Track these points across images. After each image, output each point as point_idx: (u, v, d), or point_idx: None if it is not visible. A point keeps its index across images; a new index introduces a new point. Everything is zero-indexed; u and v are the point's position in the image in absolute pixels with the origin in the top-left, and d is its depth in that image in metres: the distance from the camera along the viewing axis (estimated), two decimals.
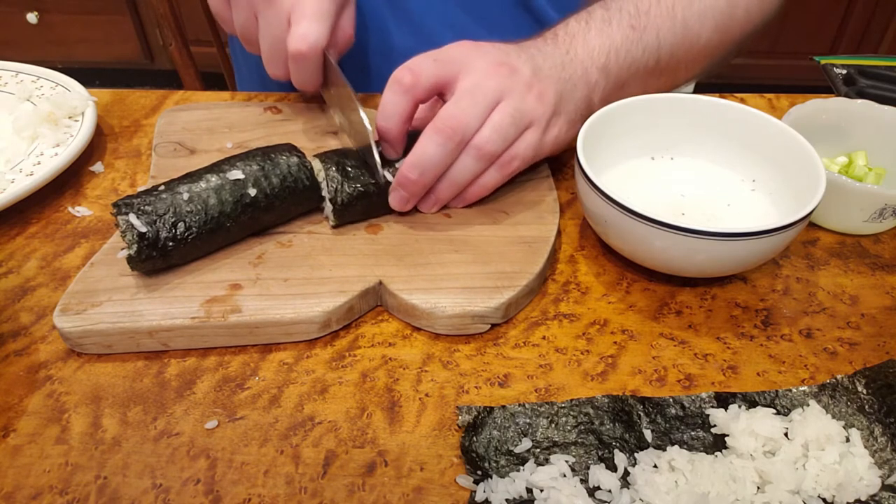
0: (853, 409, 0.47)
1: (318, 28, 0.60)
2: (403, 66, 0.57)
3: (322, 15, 0.60)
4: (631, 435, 0.45)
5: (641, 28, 0.65)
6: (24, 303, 0.55)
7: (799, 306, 0.56)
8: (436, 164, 0.56)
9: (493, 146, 0.56)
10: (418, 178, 0.56)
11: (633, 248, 0.55)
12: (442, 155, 0.55)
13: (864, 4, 2.22)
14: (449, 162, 0.56)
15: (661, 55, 0.66)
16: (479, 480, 0.43)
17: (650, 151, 0.65)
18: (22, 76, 0.76)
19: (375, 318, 0.54)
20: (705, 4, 0.68)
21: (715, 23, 0.69)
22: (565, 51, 0.62)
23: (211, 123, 0.70)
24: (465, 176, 0.58)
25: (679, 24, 0.67)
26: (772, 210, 0.60)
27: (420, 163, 0.55)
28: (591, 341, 0.52)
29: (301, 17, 0.60)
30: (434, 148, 0.55)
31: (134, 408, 0.47)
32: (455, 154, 0.56)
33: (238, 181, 0.54)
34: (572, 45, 0.63)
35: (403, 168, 0.56)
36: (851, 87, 0.79)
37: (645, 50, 0.65)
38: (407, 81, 0.56)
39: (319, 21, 0.60)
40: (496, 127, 0.56)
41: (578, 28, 0.64)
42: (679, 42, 0.67)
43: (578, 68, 0.62)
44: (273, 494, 0.43)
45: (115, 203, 0.52)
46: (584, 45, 0.63)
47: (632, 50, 0.64)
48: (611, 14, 0.65)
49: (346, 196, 0.56)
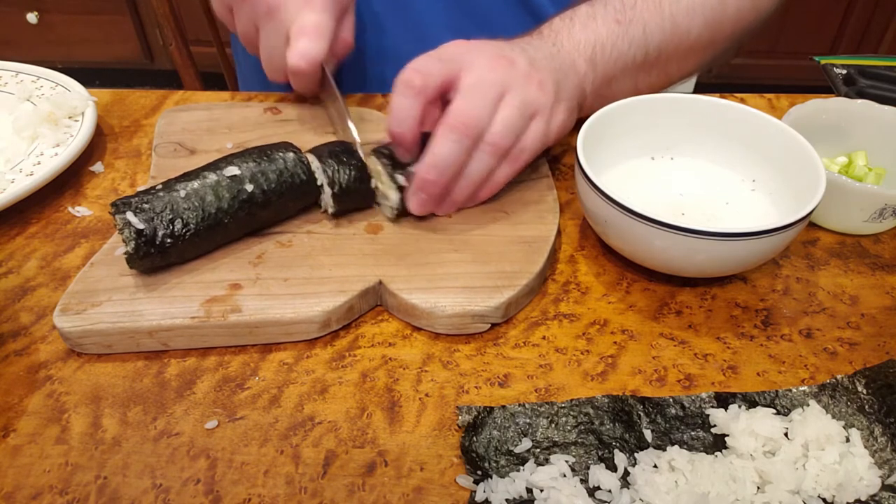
0: (853, 409, 0.47)
1: (317, 45, 0.62)
2: (410, 68, 0.56)
3: (321, 32, 0.62)
4: (631, 435, 0.45)
5: (627, 22, 0.65)
6: (24, 303, 0.55)
7: (799, 306, 0.56)
8: (452, 162, 0.55)
9: (506, 141, 0.56)
10: (437, 179, 0.55)
11: (633, 248, 0.55)
12: (458, 152, 0.55)
13: (864, 4, 2.22)
14: (464, 159, 0.56)
15: (648, 50, 0.67)
16: (479, 480, 0.43)
17: (650, 151, 0.65)
18: (22, 76, 0.76)
19: (375, 318, 0.54)
20: (694, 0, 0.69)
21: (704, 18, 0.69)
22: (552, 43, 0.63)
23: (211, 124, 0.70)
24: (480, 173, 0.57)
25: (667, 20, 0.67)
26: (772, 210, 0.60)
27: (437, 162, 0.55)
28: (591, 341, 0.52)
29: (300, 33, 0.62)
30: (450, 146, 0.54)
31: (134, 408, 0.47)
32: (470, 150, 0.56)
33: (235, 177, 0.54)
34: (558, 38, 0.64)
35: (421, 170, 0.55)
36: (851, 87, 0.79)
37: (631, 44, 0.66)
38: (417, 83, 0.55)
39: (318, 38, 0.62)
40: (506, 121, 0.56)
41: (563, 25, 0.65)
42: (668, 37, 0.68)
43: (566, 59, 0.62)
44: (273, 494, 0.43)
45: (114, 202, 0.52)
46: (569, 39, 0.64)
47: (618, 43, 0.65)
48: (595, 10, 0.66)
49: (344, 180, 0.56)
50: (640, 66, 0.67)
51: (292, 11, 0.62)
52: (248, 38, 0.69)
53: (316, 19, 0.62)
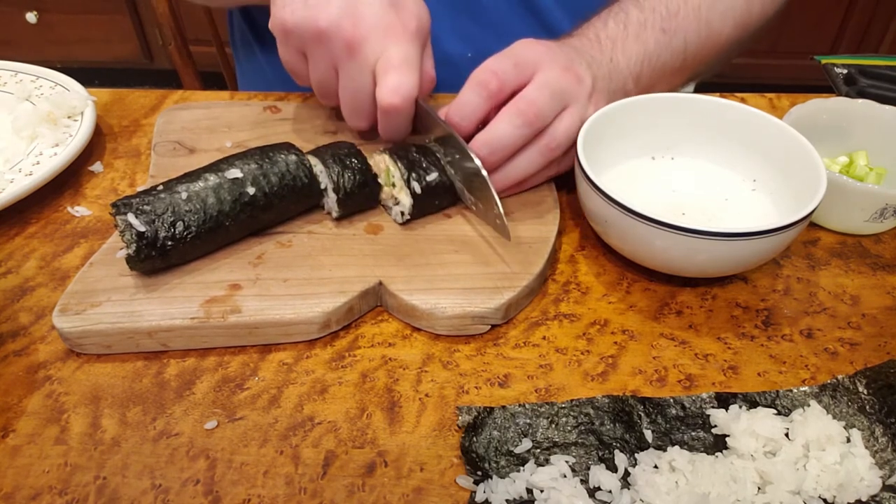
0: (854, 410, 0.46)
1: (410, 79, 0.57)
2: (486, 69, 0.56)
3: (410, 64, 0.57)
4: (631, 435, 0.45)
5: (672, 32, 0.66)
6: (23, 303, 0.54)
7: (800, 306, 0.56)
8: (507, 145, 0.56)
9: (560, 149, 0.58)
10: (487, 157, 0.56)
11: (633, 248, 0.55)
12: (516, 137, 0.56)
13: (865, 4, 2.22)
14: (518, 147, 0.57)
15: (686, 57, 0.68)
16: (479, 481, 0.43)
17: (651, 151, 0.65)
18: (21, 76, 0.76)
19: (375, 318, 0.54)
20: (726, 4, 0.70)
21: (734, 21, 0.71)
22: (609, 58, 0.63)
23: (210, 123, 0.70)
24: (527, 169, 0.59)
25: (703, 25, 0.68)
26: (772, 210, 0.60)
27: (493, 142, 0.55)
28: (591, 341, 0.52)
29: (389, 68, 0.57)
30: (511, 130, 0.55)
31: (133, 408, 0.47)
32: (526, 140, 0.56)
33: (236, 180, 0.54)
34: (614, 51, 0.64)
35: (474, 145, 0.56)
36: (852, 87, 0.79)
37: (673, 54, 0.67)
38: (493, 87, 0.56)
39: (409, 72, 0.57)
40: (567, 131, 0.57)
41: (618, 32, 0.65)
42: (703, 42, 0.69)
43: (620, 80, 0.64)
44: (273, 495, 0.43)
45: (114, 203, 0.51)
46: (623, 53, 0.64)
47: (662, 55, 0.66)
48: (645, 16, 0.66)
49: (349, 185, 0.56)
50: (675, 72, 0.69)
51: (376, 46, 0.57)
52: (325, 85, 0.62)
53: (403, 52, 0.57)
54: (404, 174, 0.57)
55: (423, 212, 0.59)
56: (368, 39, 0.56)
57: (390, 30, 0.57)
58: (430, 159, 0.59)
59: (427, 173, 0.57)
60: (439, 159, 0.59)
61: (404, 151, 0.59)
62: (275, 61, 0.71)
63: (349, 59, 0.58)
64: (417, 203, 0.57)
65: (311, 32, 0.57)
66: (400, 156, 0.58)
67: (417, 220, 0.59)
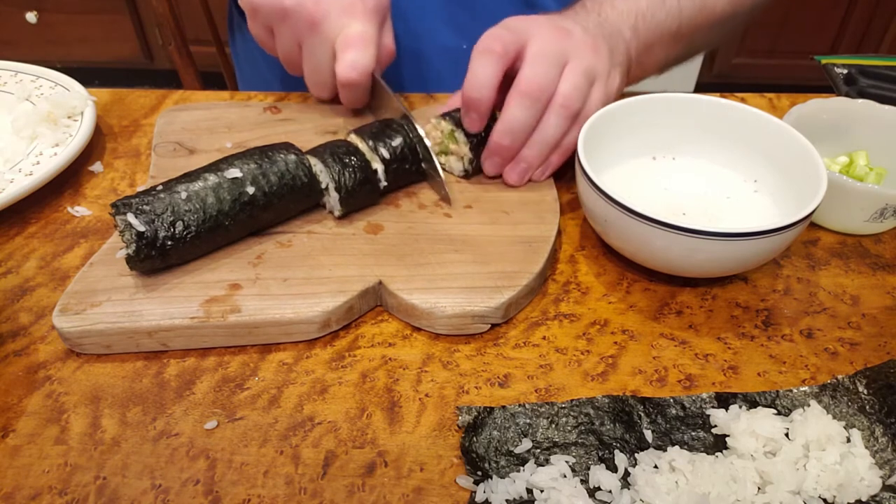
0: (854, 410, 0.46)
1: (366, 55, 0.62)
2: (487, 37, 0.59)
3: (367, 41, 0.62)
4: (631, 435, 0.45)
5: None
6: (23, 303, 0.54)
7: (800, 306, 0.56)
8: (524, 126, 0.58)
9: (575, 102, 0.59)
10: (511, 144, 0.59)
11: (633, 248, 0.55)
12: (529, 117, 0.58)
13: (865, 4, 2.22)
14: (535, 123, 0.59)
15: (682, 21, 0.70)
16: (479, 481, 0.43)
17: (651, 151, 0.65)
18: (21, 76, 0.76)
19: (375, 318, 0.54)
20: None
21: None
22: (597, 13, 0.65)
23: (210, 123, 0.70)
24: (553, 136, 0.60)
25: None
26: (773, 210, 0.60)
27: (511, 128, 0.58)
28: (591, 341, 0.52)
29: (347, 45, 0.62)
30: (522, 111, 0.58)
31: (133, 408, 0.47)
32: (540, 114, 0.59)
33: (236, 180, 0.54)
34: (602, 10, 0.66)
35: (495, 136, 0.59)
36: (852, 87, 0.79)
37: (668, 14, 0.69)
38: (498, 49, 0.58)
39: (366, 48, 0.62)
40: (574, 84, 0.59)
41: None
42: (698, 10, 0.71)
43: (613, 26, 0.65)
44: (273, 495, 0.43)
45: (114, 203, 0.51)
46: (612, 9, 0.66)
47: (657, 14, 0.68)
48: None
49: (350, 182, 0.57)
50: (673, 36, 0.70)
51: (335, 23, 0.62)
52: (290, 58, 0.68)
53: (360, 29, 0.62)
54: (460, 132, 0.62)
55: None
56: (328, 17, 0.62)
57: (349, 8, 0.62)
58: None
59: (475, 136, 0.62)
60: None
61: (453, 115, 0.63)
62: (274, 61, 0.71)
63: (311, 36, 0.63)
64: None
65: (276, 10, 0.63)
66: (453, 117, 0.63)
67: (418, 220, 0.59)
